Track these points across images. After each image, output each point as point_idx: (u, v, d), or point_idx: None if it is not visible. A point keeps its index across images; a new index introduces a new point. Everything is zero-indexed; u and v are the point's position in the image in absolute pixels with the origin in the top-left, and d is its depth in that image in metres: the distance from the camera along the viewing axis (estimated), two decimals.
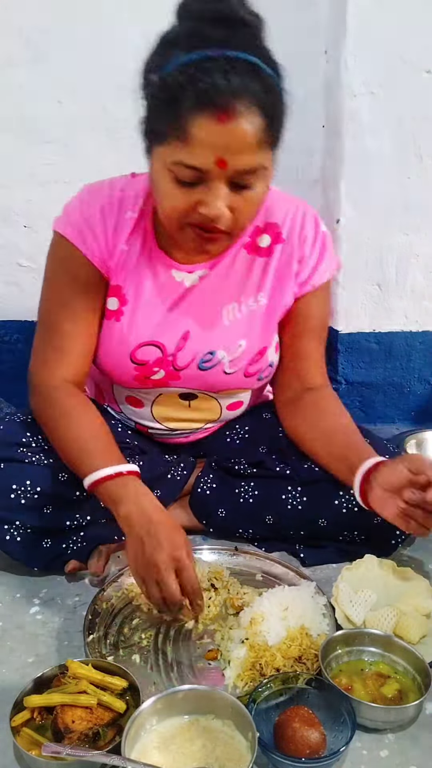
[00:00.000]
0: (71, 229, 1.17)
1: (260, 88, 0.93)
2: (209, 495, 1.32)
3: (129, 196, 1.18)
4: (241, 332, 1.24)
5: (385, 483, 1.07)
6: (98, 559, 1.20)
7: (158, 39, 1.00)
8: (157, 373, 1.24)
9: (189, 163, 0.95)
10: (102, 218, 1.17)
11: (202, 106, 0.91)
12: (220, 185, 0.98)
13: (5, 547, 1.18)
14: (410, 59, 1.64)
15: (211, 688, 0.92)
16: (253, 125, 0.93)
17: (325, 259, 1.24)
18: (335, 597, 1.11)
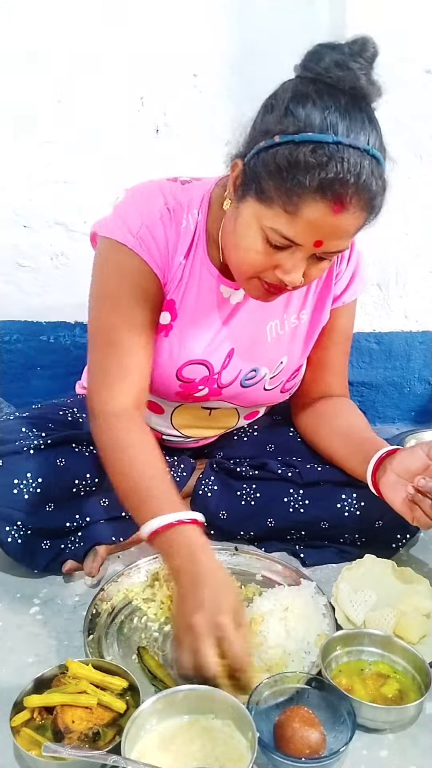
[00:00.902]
0: (132, 237, 1.09)
1: (377, 188, 0.94)
2: (210, 497, 1.32)
3: (182, 205, 1.13)
4: (284, 350, 1.26)
5: (399, 467, 1.08)
6: (93, 560, 1.20)
7: (291, 91, 0.95)
8: (201, 391, 1.24)
9: (287, 235, 0.96)
10: (163, 227, 1.11)
11: (322, 193, 0.91)
12: (305, 257, 0.99)
13: (6, 548, 1.17)
14: (410, 59, 1.64)
15: (211, 688, 0.92)
16: (359, 220, 0.96)
17: (357, 278, 1.28)
18: (335, 597, 1.11)
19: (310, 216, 0.93)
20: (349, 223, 0.95)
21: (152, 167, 1.24)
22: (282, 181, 0.93)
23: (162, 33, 1.67)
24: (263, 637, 1.01)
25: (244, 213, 1.00)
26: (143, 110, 1.73)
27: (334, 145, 0.90)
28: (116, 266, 1.12)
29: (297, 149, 0.91)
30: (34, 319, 1.92)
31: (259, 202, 0.97)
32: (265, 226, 0.97)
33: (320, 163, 0.90)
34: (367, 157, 0.92)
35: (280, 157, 0.93)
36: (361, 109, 0.94)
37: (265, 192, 0.96)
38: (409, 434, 1.80)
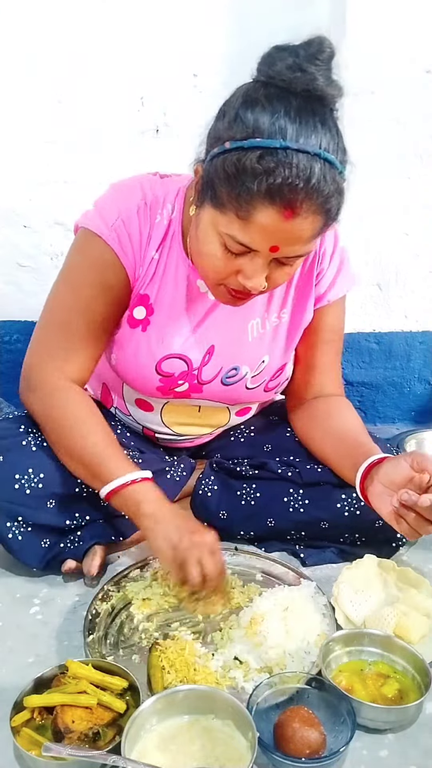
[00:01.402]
0: (107, 229, 1.12)
1: (330, 191, 0.93)
2: (210, 497, 1.32)
3: (158, 199, 1.15)
4: (265, 348, 1.26)
5: (385, 479, 1.07)
6: (92, 559, 1.19)
7: (241, 96, 0.96)
8: (181, 386, 1.24)
9: (242, 241, 0.96)
10: (138, 221, 1.13)
11: (271, 198, 0.91)
12: (265, 262, 1.00)
13: (7, 545, 1.17)
14: (410, 59, 1.64)
15: (211, 688, 0.92)
16: (313, 224, 0.95)
17: (342, 274, 1.26)
18: (335, 597, 1.11)
19: (262, 222, 0.93)
20: (303, 228, 0.95)
21: (152, 167, 1.24)
22: (233, 187, 0.93)
23: (162, 33, 1.67)
24: (263, 637, 1.01)
25: (203, 219, 1.02)
26: (143, 110, 1.73)
27: (282, 150, 0.89)
28: (87, 254, 1.16)
29: (245, 155, 0.91)
30: (34, 319, 1.89)
31: (214, 208, 0.98)
32: (221, 232, 0.98)
33: (267, 169, 0.90)
34: (318, 160, 0.91)
35: (229, 163, 0.93)
36: (315, 112, 0.93)
37: (219, 198, 0.96)
38: (409, 434, 1.80)
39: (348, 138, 1.72)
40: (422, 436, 1.79)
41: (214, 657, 1.02)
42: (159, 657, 1.00)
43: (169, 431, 1.36)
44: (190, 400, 1.29)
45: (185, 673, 0.97)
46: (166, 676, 0.97)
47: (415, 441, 1.78)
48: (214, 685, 0.96)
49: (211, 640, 1.06)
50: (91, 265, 1.15)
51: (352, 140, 1.67)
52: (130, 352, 1.22)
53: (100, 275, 1.15)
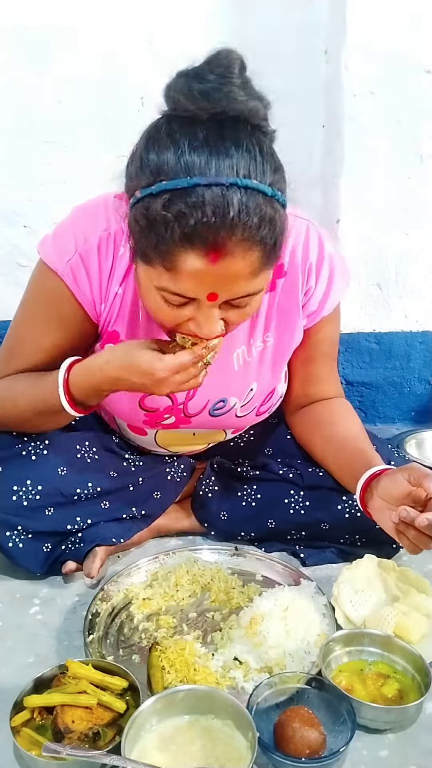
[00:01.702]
0: (61, 264, 1.06)
1: (256, 219, 0.83)
2: (211, 498, 1.32)
3: (123, 229, 1.02)
4: (252, 376, 1.20)
5: (384, 493, 1.06)
6: (93, 561, 1.19)
7: (145, 138, 0.89)
8: (167, 419, 1.21)
9: (177, 292, 0.89)
10: (98, 256, 1.05)
11: (189, 244, 0.83)
12: (213, 309, 0.91)
13: (7, 553, 1.17)
14: (410, 59, 1.64)
15: (211, 688, 0.92)
16: (247, 260, 0.85)
17: (333, 287, 1.18)
18: (335, 597, 1.11)
19: (189, 270, 0.85)
20: (237, 267, 0.86)
21: None
22: (150, 238, 0.86)
23: (162, 33, 1.67)
24: (263, 637, 1.01)
25: (139, 275, 0.96)
26: (143, 110, 1.73)
27: (191, 189, 0.81)
28: (41, 287, 1.11)
29: (153, 203, 0.83)
30: None
31: (143, 262, 0.91)
32: (155, 286, 0.91)
33: (176, 214, 0.81)
34: (235, 190, 0.81)
35: (140, 214, 0.86)
36: (225, 137, 0.83)
37: (143, 251, 0.89)
38: (409, 434, 1.80)
39: (348, 138, 1.74)
40: (422, 436, 1.79)
41: (214, 657, 1.02)
42: (159, 657, 1.00)
43: (166, 451, 1.35)
44: (180, 430, 1.26)
45: (185, 673, 0.97)
46: (166, 676, 0.97)
47: (415, 441, 1.78)
48: (214, 685, 0.96)
49: (211, 640, 1.06)
50: (46, 299, 1.10)
51: (353, 140, 1.69)
52: None
53: (55, 311, 1.10)
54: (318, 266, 1.15)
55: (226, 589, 1.17)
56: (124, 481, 1.26)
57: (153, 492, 1.29)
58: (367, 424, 1.30)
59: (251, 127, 0.86)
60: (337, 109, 1.69)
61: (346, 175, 1.72)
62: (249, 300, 0.93)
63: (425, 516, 0.96)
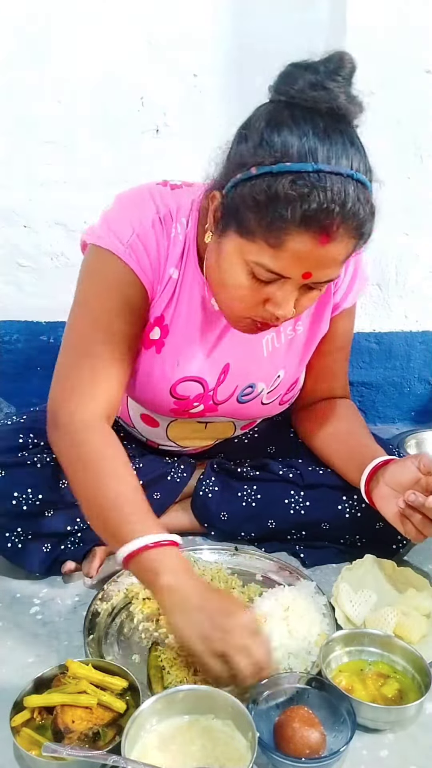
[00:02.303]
0: (122, 246, 1.04)
1: (364, 213, 0.91)
2: (211, 498, 1.32)
3: (171, 212, 1.07)
4: (280, 363, 1.22)
5: (391, 480, 1.07)
6: (92, 561, 1.19)
7: (260, 118, 0.91)
8: (196, 407, 1.20)
9: (273, 269, 0.91)
10: (155, 236, 1.05)
11: (306, 225, 0.87)
12: (295, 288, 0.95)
13: (6, 554, 1.18)
14: (410, 59, 1.64)
15: (211, 688, 0.92)
16: (347, 248, 0.92)
17: (357, 282, 1.22)
18: (335, 597, 1.11)
19: (296, 249, 0.89)
20: (338, 252, 0.91)
21: (152, 167, 1.23)
22: (263, 215, 0.88)
23: (162, 33, 1.67)
24: None
25: (227, 248, 0.96)
26: (143, 110, 1.73)
27: (315, 174, 0.85)
28: (102, 276, 1.07)
29: (275, 181, 0.86)
30: (34, 319, 1.91)
31: (240, 236, 0.93)
32: (250, 260, 0.93)
33: (301, 194, 0.85)
34: (351, 182, 0.87)
35: (259, 190, 0.88)
36: (342, 132, 0.89)
37: (247, 226, 0.91)
38: (409, 434, 1.80)
39: None
40: (422, 436, 1.79)
41: None
42: (159, 657, 1.00)
43: (173, 444, 1.35)
44: (197, 419, 1.26)
45: (185, 673, 0.97)
46: (166, 676, 0.97)
47: (415, 441, 1.77)
48: None
49: None
50: (110, 286, 1.06)
51: None
52: (143, 375, 1.16)
53: (121, 296, 1.06)
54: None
55: (225, 589, 1.17)
56: None
57: (153, 493, 1.29)
58: (367, 424, 1.30)
59: (354, 128, 0.93)
60: None
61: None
62: (324, 285, 0.98)
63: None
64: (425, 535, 1.04)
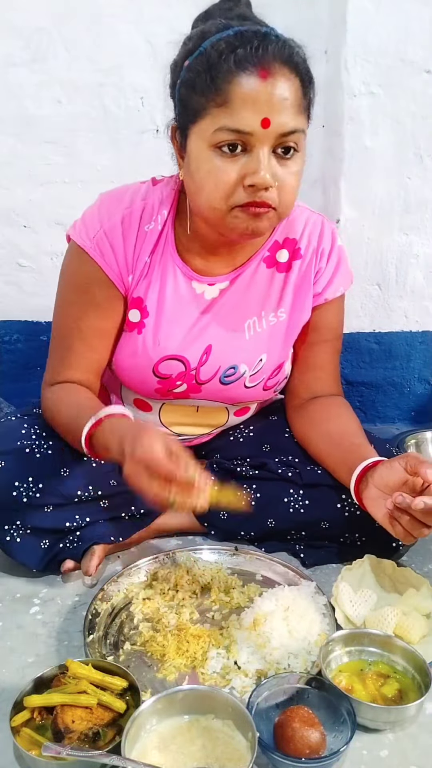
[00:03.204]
0: (89, 241, 1.14)
1: (294, 52, 0.98)
2: None
3: (150, 206, 1.16)
4: (262, 347, 1.26)
5: (380, 482, 1.07)
6: (90, 559, 1.19)
7: (184, 40, 1.04)
8: (179, 387, 1.24)
9: (232, 126, 0.96)
10: (122, 231, 1.14)
11: (243, 66, 0.94)
12: (264, 151, 0.98)
13: (5, 548, 1.18)
14: (410, 59, 1.64)
15: (211, 688, 0.92)
16: (292, 84, 0.97)
17: (339, 273, 1.26)
18: (335, 597, 1.11)
19: (242, 93, 0.95)
20: (285, 88, 0.96)
21: (152, 167, 1.24)
22: (203, 82, 0.97)
23: (162, 33, 1.67)
24: (266, 638, 1.01)
25: (192, 148, 1.03)
26: (143, 110, 1.73)
27: (236, 34, 0.96)
28: (71, 270, 1.19)
29: (205, 51, 0.97)
30: (34, 319, 1.92)
31: (197, 122, 1.00)
32: (210, 135, 0.98)
33: (228, 44, 0.95)
34: (271, 34, 0.97)
35: (193, 68, 0.98)
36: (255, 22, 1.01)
37: (196, 107, 0.99)
38: (409, 434, 1.80)
39: (348, 138, 1.74)
40: (422, 436, 1.79)
41: (214, 658, 1.02)
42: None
43: (168, 431, 1.36)
44: (188, 400, 1.29)
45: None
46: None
47: (415, 441, 1.77)
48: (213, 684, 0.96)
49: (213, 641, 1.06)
50: (76, 282, 1.18)
51: (353, 140, 1.69)
52: (126, 355, 1.22)
53: (86, 293, 1.17)
54: (329, 252, 1.25)
55: (226, 589, 1.17)
56: (124, 486, 1.26)
57: None
58: (367, 424, 1.30)
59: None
60: (337, 109, 1.70)
61: (346, 174, 1.72)
62: (296, 141, 1.00)
63: (421, 499, 0.97)
64: (415, 537, 1.03)
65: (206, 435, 1.40)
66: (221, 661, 1.01)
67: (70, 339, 1.20)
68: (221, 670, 1.00)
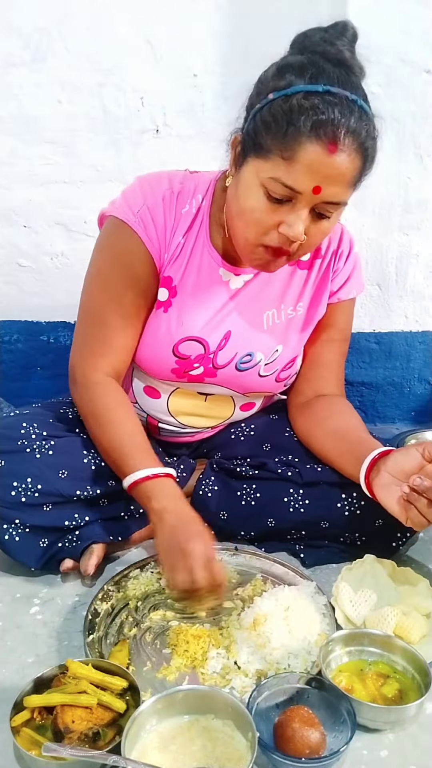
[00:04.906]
0: (133, 215, 1.16)
1: (367, 133, 1.00)
2: (211, 497, 1.32)
3: (187, 190, 1.19)
4: (279, 338, 1.29)
5: (394, 468, 1.08)
6: (89, 558, 1.19)
7: (277, 63, 1.03)
8: (196, 369, 1.26)
9: (287, 183, 0.99)
10: (164, 208, 1.17)
11: (317, 134, 0.96)
12: (305, 210, 1.02)
13: (4, 547, 1.18)
14: (410, 59, 1.64)
15: (211, 688, 0.92)
16: (354, 164, 1.00)
17: (354, 277, 1.31)
18: (335, 597, 1.11)
19: (307, 158, 0.97)
20: (345, 166, 0.99)
21: (152, 167, 1.24)
22: (278, 129, 0.98)
23: (162, 33, 1.67)
24: (267, 638, 1.01)
25: (245, 175, 1.05)
26: (143, 110, 1.73)
27: (324, 93, 0.96)
28: (112, 245, 1.19)
29: (290, 98, 0.97)
30: (34, 319, 1.92)
31: (258, 157, 1.02)
32: (265, 178, 1.00)
33: (312, 105, 0.96)
34: (355, 106, 0.98)
35: (275, 108, 0.98)
36: (348, 73, 1.00)
37: (263, 146, 1.00)
38: (409, 434, 1.80)
39: None
40: (422, 436, 1.79)
41: (214, 658, 1.02)
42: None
43: (174, 421, 1.36)
44: (202, 385, 1.30)
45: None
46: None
47: (415, 441, 1.77)
48: (213, 684, 0.96)
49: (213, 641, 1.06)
50: (119, 257, 1.18)
51: None
52: (149, 332, 1.24)
53: (129, 268, 1.18)
54: (348, 255, 1.30)
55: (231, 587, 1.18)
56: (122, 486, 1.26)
57: None
58: (367, 424, 1.30)
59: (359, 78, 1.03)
60: None
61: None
62: (334, 210, 1.04)
63: None
64: (430, 521, 1.04)
65: (210, 429, 1.40)
66: (221, 661, 1.01)
67: (109, 315, 1.20)
68: (221, 670, 1.00)
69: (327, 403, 1.33)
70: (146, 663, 1.02)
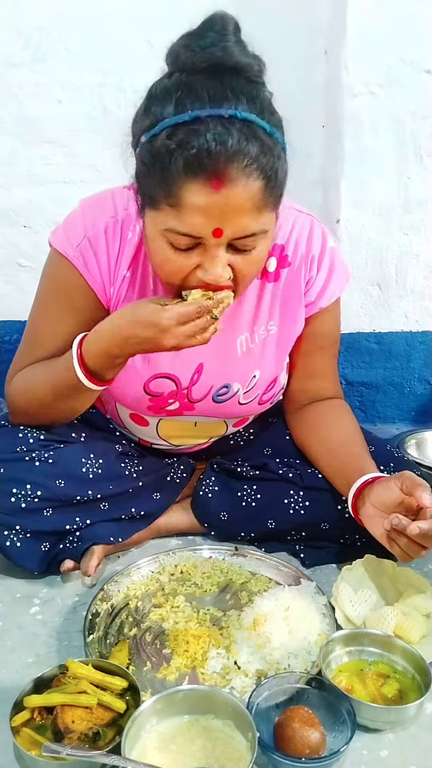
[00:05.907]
0: (72, 249, 1.10)
1: (256, 148, 0.87)
2: (211, 498, 1.32)
3: (131, 215, 1.09)
4: (255, 363, 1.22)
5: (376, 500, 1.06)
6: (90, 559, 1.18)
7: (147, 94, 0.93)
8: (171, 405, 1.22)
9: (182, 231, 0.91)
10: (106, 240, 1.09)
11: (192, 173, 0.86)
12: (219, 250, 0.93)
13: (5, 552, 1.17)
14: (410, 59, 1.64)
15: (211, 688, 0.92)
16: (249, 190, 0.88)
17: (333, 279, 1.20)
18: (335, 597, 1.11)
19: (192, 201, 0.87)
20: (240, 197, 0.87)
21: None
22: (155, 176, 0.89)
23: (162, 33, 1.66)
24: (267, 638, 1.01)
25: (147, 227, 0.98)
26: None
27: (191, 121, 0.85)
28: (52, 275, 1.15)
29: (157, 140, 0.87)
30: None
31: (150, 208, 0.94)
32: (162, 230, 0.93)
33: (179, 143, 0.85)
34: (235, 122, 0.85)
35: (144, 154, 0.90)
36: (224, 82, 0.87)
37: (150, 195, 0.92)
38: (409, 434, 1.80)
39: (348, 138, 1.73)
40: (422, 436, 1.79)
41: (214, 658, 1.02)
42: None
43: (166, 443, 1.35)
44: (183, 417, 1.27)
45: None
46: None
47: (415, 441, 1.77)
48: (213, 684, 0.96)
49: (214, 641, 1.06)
50: (57, 285, 1.14)
51: (353, 140, 1.69)
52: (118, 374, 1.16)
53: (67, 298, 1.13)
54: (320, 258, 1.19)
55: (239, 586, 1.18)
56: (124, 487, 1.26)
57: (153, 493, 1.29)
58: (367, 424, 1.30)
59: (247, 80, 0.90)
60: (337, 109, 1.69)
61: (346, 175, 1.72)
62: (255, 242, 0.94)
63: (417, 524, 0.97)
64: (412, 557, 1.03)
65: (205, 442, 1.39)
66: (221, 661, 1.01)
67: (43, 339, 1.16)
68: (221, 670, 1.00)
69: (322, 409, 1.29)
70: (146, 663, 1.02)
